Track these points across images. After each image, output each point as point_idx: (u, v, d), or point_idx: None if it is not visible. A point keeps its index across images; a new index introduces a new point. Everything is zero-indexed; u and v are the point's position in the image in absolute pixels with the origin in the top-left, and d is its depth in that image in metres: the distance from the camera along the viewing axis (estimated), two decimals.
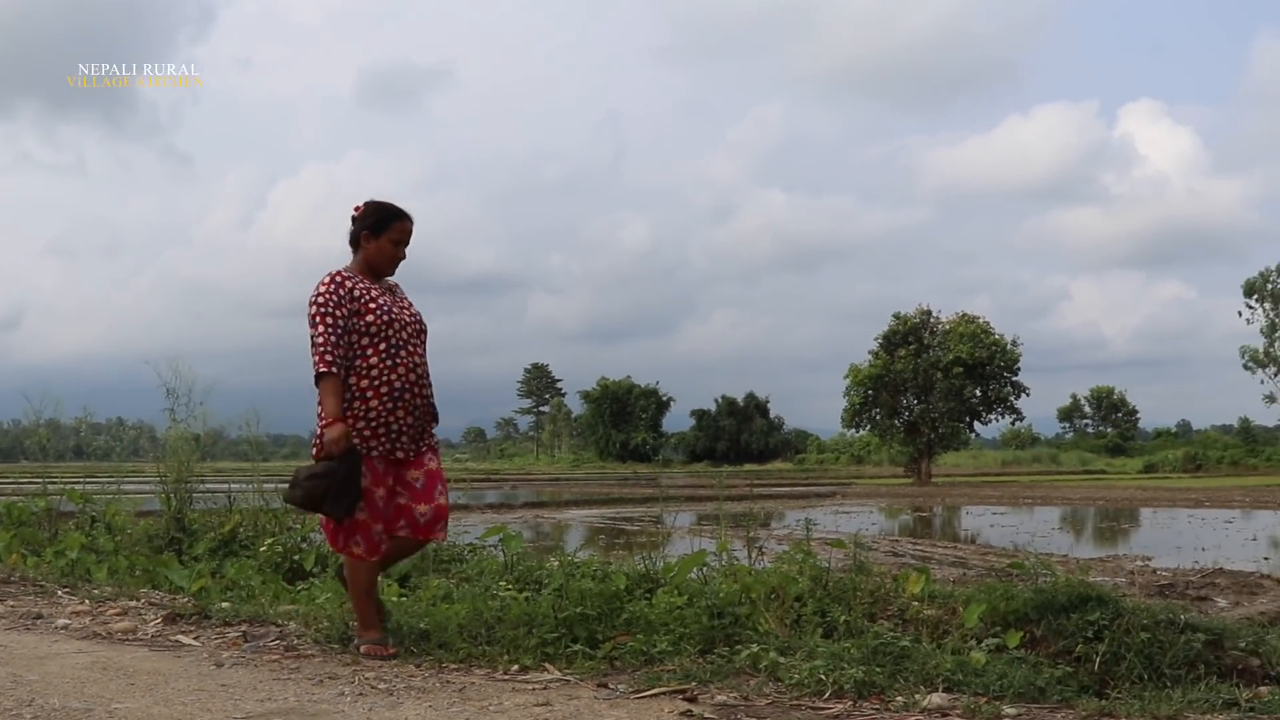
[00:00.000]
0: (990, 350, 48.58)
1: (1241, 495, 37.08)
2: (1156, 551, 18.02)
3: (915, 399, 49.72)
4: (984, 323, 49.59)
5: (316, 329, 5.07)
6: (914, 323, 49.40)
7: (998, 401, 50.33)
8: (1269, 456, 69.92)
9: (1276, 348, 79.99)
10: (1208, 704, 3.91)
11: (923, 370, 48.31)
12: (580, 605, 5.18)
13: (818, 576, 7.71)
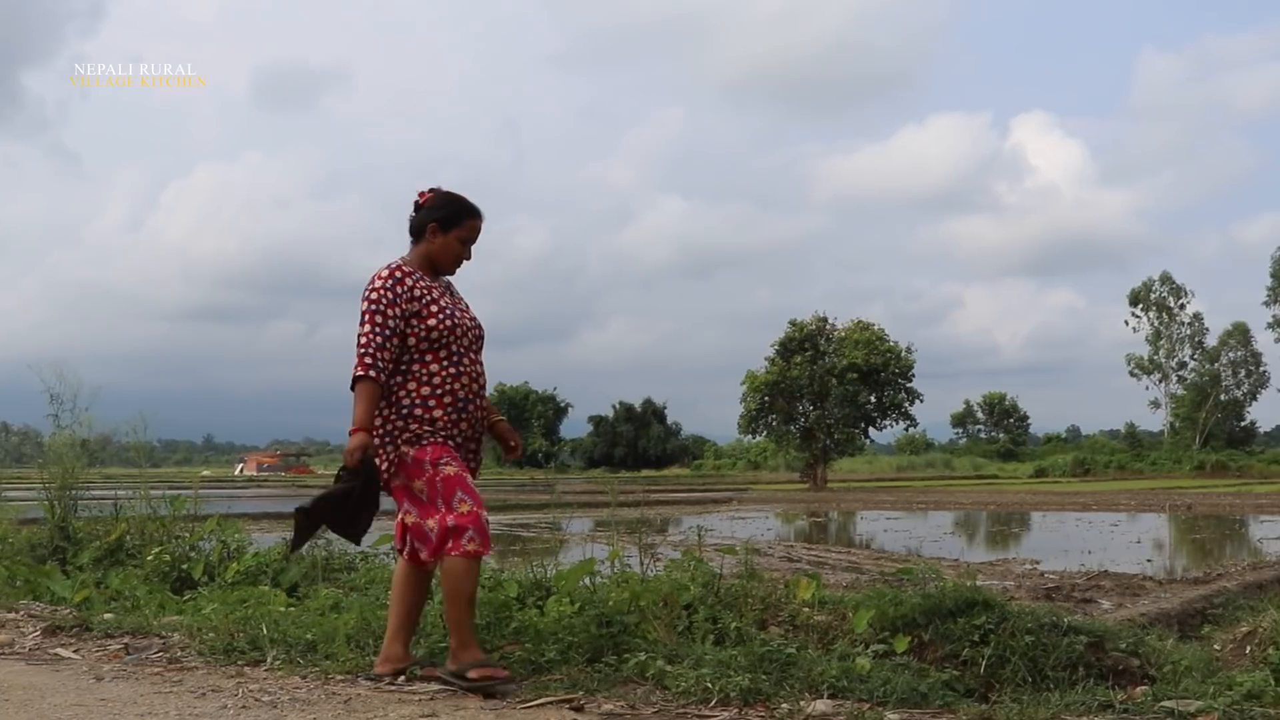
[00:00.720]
0: (885, 357, 49.21)
1: (1127, 499, 37.94)
2: (1045, 555, 18.35)
3: (811, 405, 50.16)
4: (879, 330, 50.24)
5: (363, 328, 4.74)
6: (810, 330, 49.85)
7: (892, 408, 50.97)
8: (1154, 461, 71.76)
9: (1161, 355, 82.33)
10: (1084, 706, 3.98)
11: (818, 377, 48.76)
12: None
13: (709, 583, 7.75)
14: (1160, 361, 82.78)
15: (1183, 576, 14.45)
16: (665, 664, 4.54)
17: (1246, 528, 25.99)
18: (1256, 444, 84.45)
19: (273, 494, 43.28)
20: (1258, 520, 28.04)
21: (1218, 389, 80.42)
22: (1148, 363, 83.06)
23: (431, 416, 4.79)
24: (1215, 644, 6.94)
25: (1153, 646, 7.45)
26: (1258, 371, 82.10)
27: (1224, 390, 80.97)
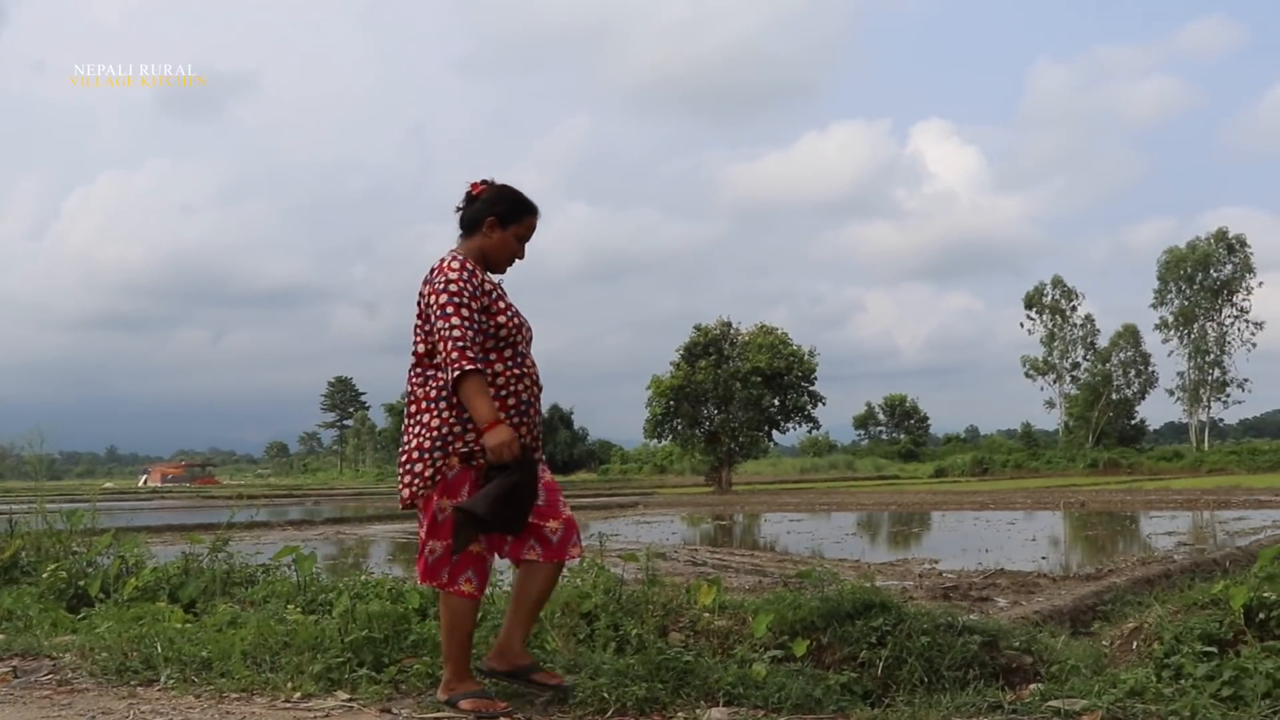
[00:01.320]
0: (788, 360, 49.61)
1: (1023, 497, 38.59)
2: (944, 554, 18.56)
3: (715, 409, 50.41)
4: (782, 334, 50.64)
5: (451, 319, 4.40)
6: (714, 334, 50.12)
7: (795, 410, 51.39)
8: (1049, 459, 73.19)
9: (1054, 356, 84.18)
10: (974, 708, 4.06)
11: (723, 381, 49.02)
12: (367, 629, 5.10)
13: (611, 590, 7.77)
14: (1054, 363, 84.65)
15: (1075, 573, 14.75)
16: (563, 674, 4.54)
17: (1137, 524, 26.57)
18: (1146, 441, 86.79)
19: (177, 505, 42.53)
20: (1147, 516, 28.67)
21: (1109, 389, 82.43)
22: (1042, 364, 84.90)
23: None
24: (1104, 640, 7.09)
25: (1045, 644, 7.61)
26: (1147, 371, 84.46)
27: (1115, 390, 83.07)
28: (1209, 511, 29.56)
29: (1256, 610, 6.41)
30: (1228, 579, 6.67)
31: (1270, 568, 6.49)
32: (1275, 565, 6.47)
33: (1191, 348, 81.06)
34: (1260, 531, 20.87)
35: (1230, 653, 6.29)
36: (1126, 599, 11.47)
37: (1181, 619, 6.66)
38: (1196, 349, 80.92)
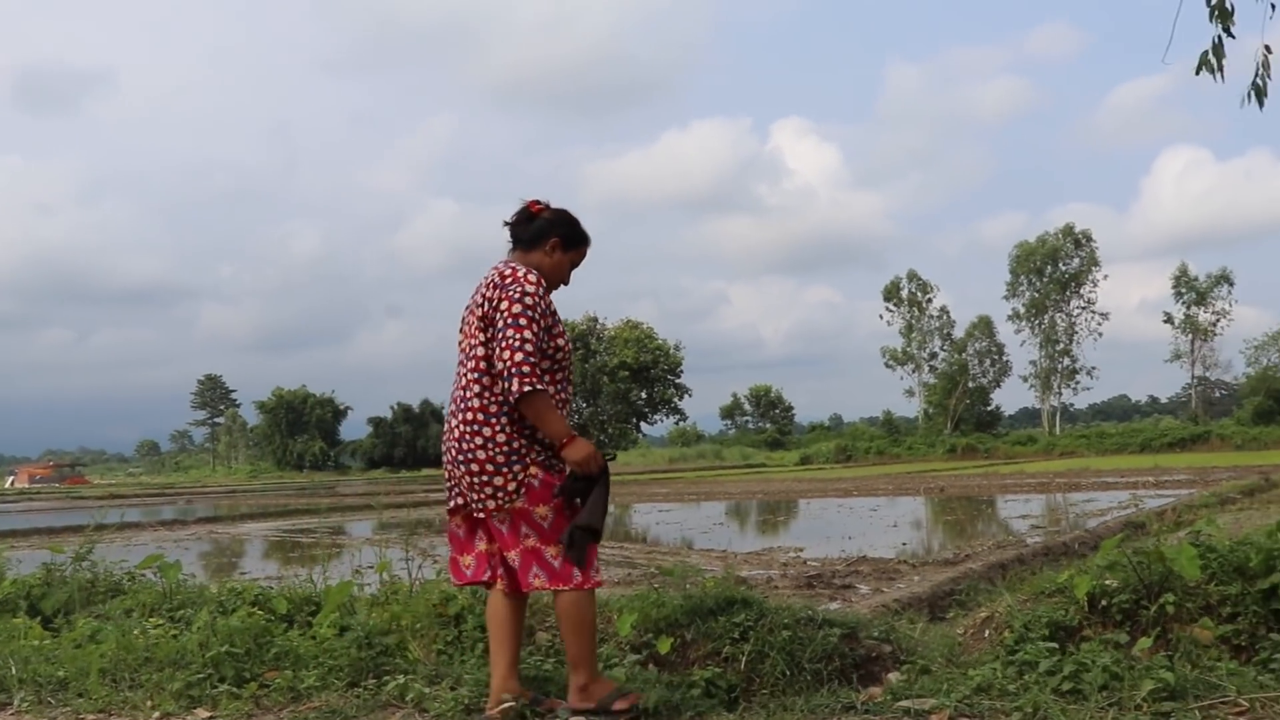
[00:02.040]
0: (654, 354, 50.03)
1: (886, 483, 39.31)
2: (809, 541, 18.78)
3: (584, 403, 50.58)
4: (648, 328, 51.05)
5: (524, 332, 4.31)
6: (581, 329, 50.28)
7: (663, 403, 51.87)
8: (910, 445, 74.66)
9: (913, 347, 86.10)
10: (828, 709, 4.16)
11: (591, 375, 49.18)
12: (228, 644, 5.03)
13: (478, 591, 7.77)
14: (913, 353, 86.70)
15: (934, 559, 15.11)
16: (424, 686, 4.54)
17: (993, 507, 27.25)
18: (1002, 427, 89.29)
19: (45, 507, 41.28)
20: (1003, 500, 29.40)
21: (966, 377, 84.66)
22: (901, 354, 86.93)
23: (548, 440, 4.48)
24: (958, 628, 7.30)
25: (903, 633, 7.84)
26: (1001, 360, 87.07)
27: (971, 378, 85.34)
28: (1060, 494, 30.43)
29: (1099, 598, 6.68)
30: (1072, 568, 6.94)
31: (1111, 556, 6.75)
32: (1116, 554, 6.72)
33: (1042, 337, 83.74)
34: (1106, 513, 21.57)
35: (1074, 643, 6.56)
36: (981, 585, 11.82)
37: (1030, 608, 6.91)
38: (1047, 338, 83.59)
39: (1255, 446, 58.13)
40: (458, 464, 4.50)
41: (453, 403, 4.57)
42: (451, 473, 4.57)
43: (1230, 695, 3.86)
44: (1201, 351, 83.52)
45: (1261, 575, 6.34)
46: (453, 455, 4.52)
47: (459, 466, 4.49)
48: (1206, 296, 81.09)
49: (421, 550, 18.41)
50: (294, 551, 19.55)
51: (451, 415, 4.55)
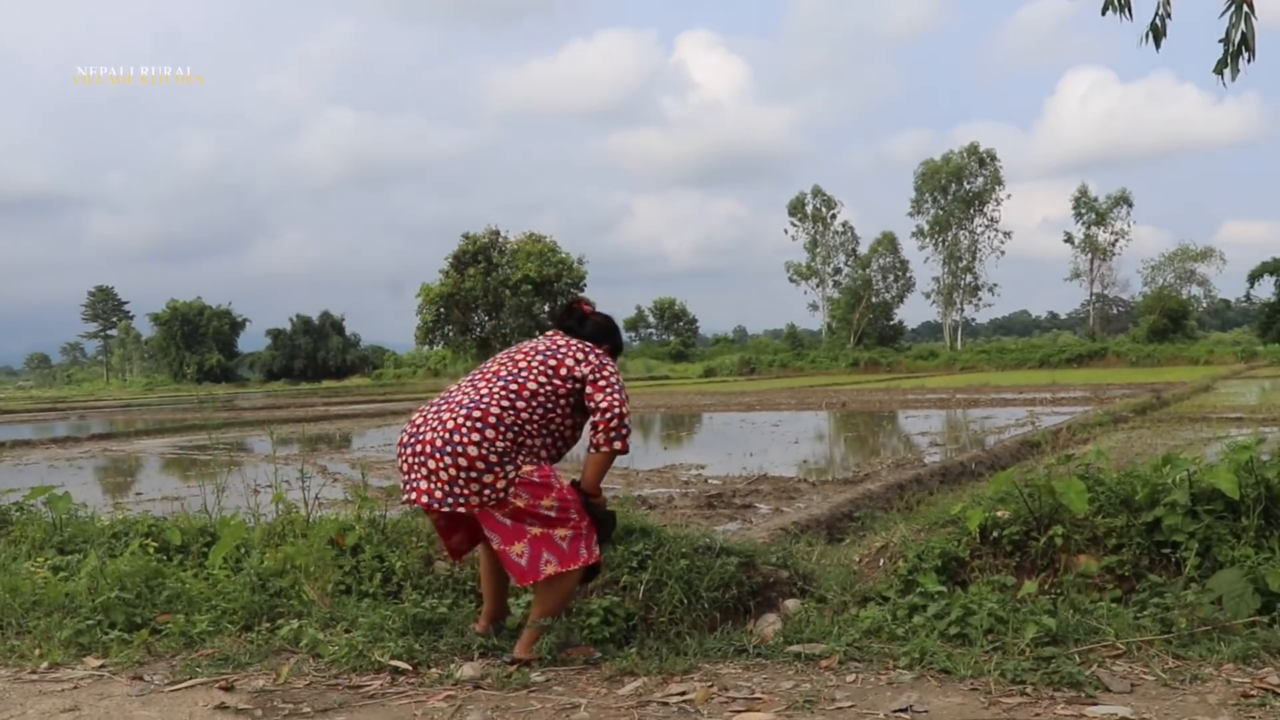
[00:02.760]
0: (557, 268, 49.78)
1: (788, 397, 39.69)
2: (711, 458, 18.85)
3: (487, 315, 50.32)
4: (551, 242, 50.74)
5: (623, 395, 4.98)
6: (483, 242, 49.88)
7: None
8: (813, 359, 75.39)
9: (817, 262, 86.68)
10: (720, 653, 4.18)
11: (493, 288, 48.89)
12: (118, 588, 4.90)
13: (375, 522, 7.71)
14: (817, 268, 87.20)
15: (834, 478, 15.31)
16: (318, 631, 4.47)
17: (894, 423, 27.65)
18: (904, 341, 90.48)
19: None
20: (904, 416, 29.83)
21: (869, 292, 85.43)
22: (806, 269, 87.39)
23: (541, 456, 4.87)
24: (855, 555, 7.40)
25: (800, 558, 7.93)
26: (905, 276, 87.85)
27: (875, 293, 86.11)
28: (960, 410, 30.95)
29: (990, 529, 6.80)
30: (966, 500, 7.03)
31: (1003, 488, 6.86)
32: (1008, 486, 6.83)
33: (946, 254, 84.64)
34: (1004, 431, 22.00)
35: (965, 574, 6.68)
36: (878, 509, 12.00)
37: (924, 538, 7.02)
38: (950, 256, 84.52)
39: (1149, 364, 59.54)
40: (441, 454, 4.61)
41: (451, 402, 4.77)
42: (423, 463, 4.70)
43: (1109, 639, 3.95)
44: (1100, 270, 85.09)
45: (1146, 508, 6.50)
46: (435, 445, 4.63)
47: (443, 457, 4.61)
48: (1106, 217, 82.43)
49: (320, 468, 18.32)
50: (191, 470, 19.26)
51: (448, 409, 4.73)
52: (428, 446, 4.64)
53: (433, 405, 4.84)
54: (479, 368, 5.08)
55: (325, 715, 3.64)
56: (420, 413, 4.89)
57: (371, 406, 41.51)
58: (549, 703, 3.66)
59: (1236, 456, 6.48)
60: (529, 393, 4.83)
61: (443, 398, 4.88)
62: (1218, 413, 23.97)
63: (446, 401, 4.80)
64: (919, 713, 3.41)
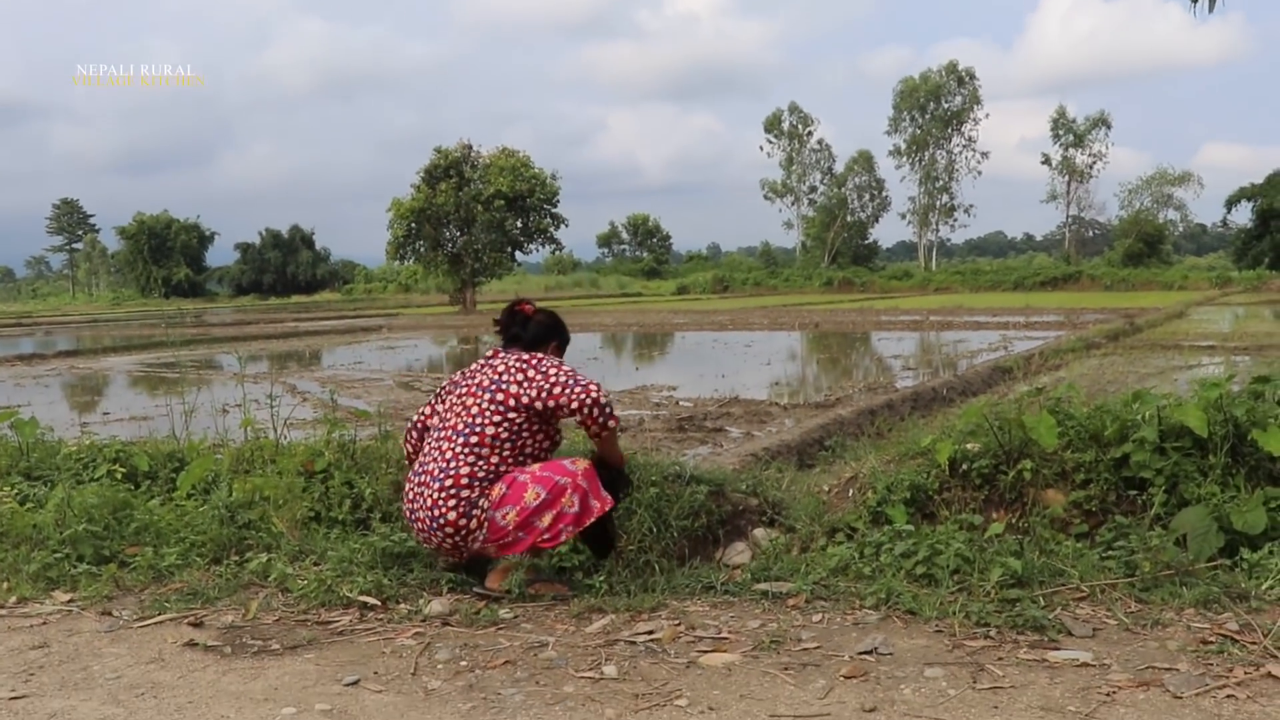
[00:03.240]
0: (530, 183, 49.31)
1: (761, 317, 39.71)
2: (683, 379, 18.88)
3: (458, 231, 49.91)
4: (524, 156, 50.18)
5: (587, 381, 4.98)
6: (455, 156, 49.27)
7: (538, 233, 51.40)
8: (787, 278, 75.34)
9: (793, 180, 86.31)
10: (688, 590, 4.19)
11: (464, 203, 48.45)
12: (86, 520, 4.84)
13: (345, 447, 7.69)
14: (792, 185, 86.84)
15: (806, 401, 15.37)
16: (287, 565, 4.44)
17: (867, 345, 27.72)
18: (879, 260, 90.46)
19: None
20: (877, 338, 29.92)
21: (844, 211, 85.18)
22: (781, 186, 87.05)
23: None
24: (825, 484, 7.43)
25: (770, 487, 7.96)
26: (880, 196, 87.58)
27: (850, 213, 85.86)
28: (933, 332, 31.06)
29: (960, 462, 6.83)
30: (936, 432, 7.05)
31: (973, 420, 6.87)
32: (979, 418, 6.85)
33: (922, 174, 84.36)
34: (977, 355, 22.09)
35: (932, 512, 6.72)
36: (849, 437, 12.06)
37: (893, 469, 7.04)
38: (927, 175, 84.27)
39: (1124, 288, 59.72)
40: (432, 531, 4.72)
41: (425, 473, 4.85)
42: (428, 537, 4.77)
43: (1073, 581, 3.97)
44: (1077, 193, 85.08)
45: (1115, 444, 6.53)
46: (424, 523, 4.75)
47: (435, 533, 4.72)
48: (1084, 139, 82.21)
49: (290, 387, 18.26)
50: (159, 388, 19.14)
51: (425, 484, 4.82)
52: (423, 526, 4.75)
53: (416, 473, 4.95)
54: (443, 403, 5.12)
55: (294, 652, 3.63)
56: (409, 481, 5.00)
57: (341, 323, 41.38)
58: (517, 640, 3.67)
59: (1206, 394, 6.51)
60: (490, 437, 4.85)
61: (421, 464, 4.96)
62: (1190, 340, 24.13)
63: (425, 470, 4.88)
64: (883, 655, 3.43)
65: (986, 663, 3.34)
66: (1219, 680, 3.17)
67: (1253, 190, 63.71)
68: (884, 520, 6.71)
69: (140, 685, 3.43)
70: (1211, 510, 5.87)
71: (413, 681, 3.40)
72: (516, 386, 4.90)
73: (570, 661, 3.49)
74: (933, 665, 3.35)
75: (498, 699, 3.24)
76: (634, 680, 3.35)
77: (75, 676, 3.51)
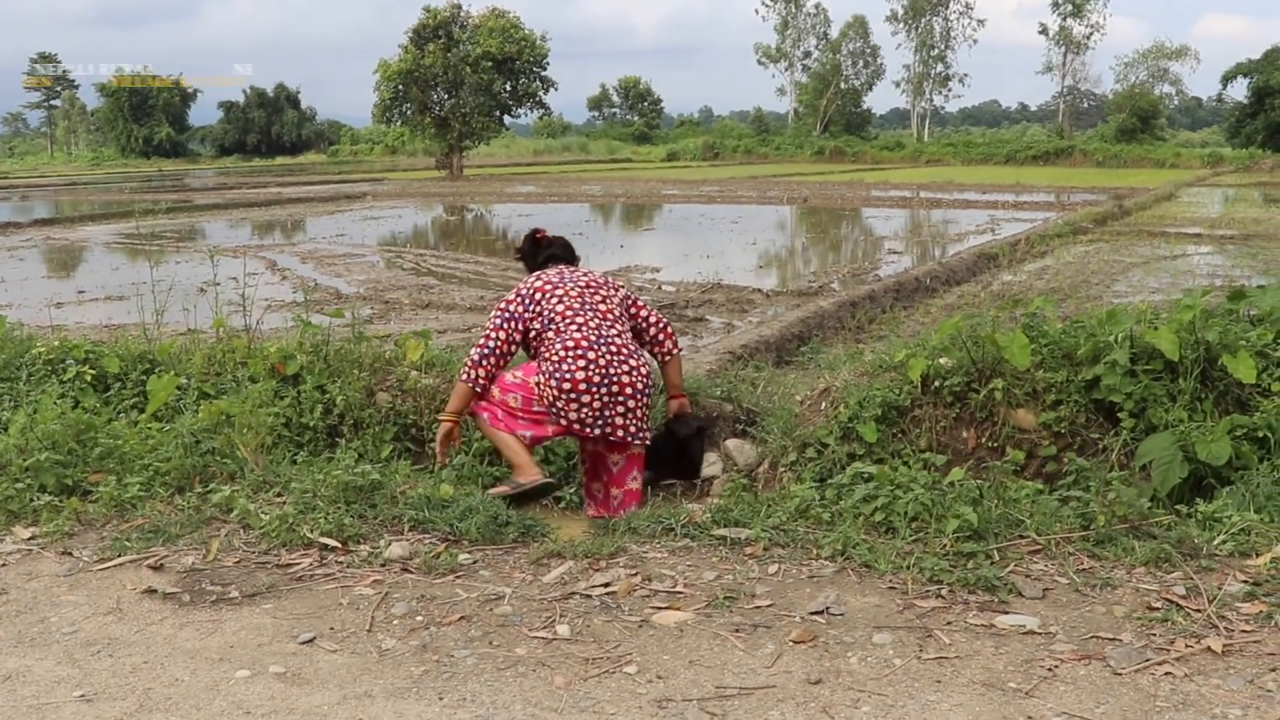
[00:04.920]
0: (520, 45, 48.54)
1: (750, 189, 39.42)
2: (667, 260, 18.85)
3: (446, 94, 49.22)
4: (514, 17, 49.31)
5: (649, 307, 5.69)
6: (444, 16, 48.35)
7: (527, 96, 50.79)
8: (778, 146, 74.69)
9: (787, 45, 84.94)
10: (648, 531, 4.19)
11: (453, 65, 47.70)
12: (49, 448, 4.81)
13: (318, 348, 7.67)
14: (787, 50, 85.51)
15: (789, 288, 15.38)
16: (249, 500, 4.43)
17: (855, 224, 27.64)
18: (872, 128, 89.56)
19: None
20: (865, 215, 29.82)
21: (838, 78, 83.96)
22: (775, 51, 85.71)
23: None
24: (798, 396, 7.45)
25: (744, 393, 7.98)
26: (875, 63, 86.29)
27: (844, 79, 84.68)
28: (922, 211, 30.94)
29: (932, 379, 6.85)
30: (909, 349, 7.04)
31: (947, 334, 6.87)
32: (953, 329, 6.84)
33: (918, 41, 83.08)
34: (963, 238, 22.07)
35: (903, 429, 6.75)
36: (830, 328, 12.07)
37: (866, 383, 7.06)
38: (923, 43, 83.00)
39: (1115, 164, 59.39)
40: (642, 395, 5.23)
41: (623, 345, 5.24)
42: (622, 402, 5.15)
43: (1029, 534, 4.00)
44: (1073, 65, 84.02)
45: (1088, 364, 6.54)
46: (637, 387, 5.20)
47: (642, 396, 5.24)
48: (1082, 8, 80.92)
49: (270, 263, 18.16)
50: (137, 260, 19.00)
51: (629, 355, 5.24)
52: (628, 388, 5.14)
53: (601, 342, 5.15)
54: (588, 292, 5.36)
55: (252, 601, 3.65)
56: (583, 353, 5.10)
57: (326, 189, 41.02)
58: (474, 592, 3.69)
59: (1179, 316, 6.50)
60: (627, 328, 5.41)
61: (599, 336, 5.18)
62: (1177, 225, 24.11)
63: (613, 343, 5.18)
64: (835, 615, 3.47)
65: (935, 627, 3.38)
66: (1160, 654, 3.22)
67: (1249, 66, 62.97)
68: (854, 436, 6.76)
69: (96, 642, 3.45)
70: (1177, 439, 5.91)
71: (368, 640, 3.43)
72: (617, 292, 5.44)
73: (525, 618, 3.52)
74: (882, 629, 3.39)
75: (450, 661, 3.27)
76: (586, 642, 3.39)
77: (32, 631, 3.53)
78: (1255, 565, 3.79)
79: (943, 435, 6.85)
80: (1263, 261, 17.98)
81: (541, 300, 5.23)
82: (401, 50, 48.37)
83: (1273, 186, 40.92)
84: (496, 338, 5.20)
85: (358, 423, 7.48)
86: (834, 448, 6.82)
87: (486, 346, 5.22)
